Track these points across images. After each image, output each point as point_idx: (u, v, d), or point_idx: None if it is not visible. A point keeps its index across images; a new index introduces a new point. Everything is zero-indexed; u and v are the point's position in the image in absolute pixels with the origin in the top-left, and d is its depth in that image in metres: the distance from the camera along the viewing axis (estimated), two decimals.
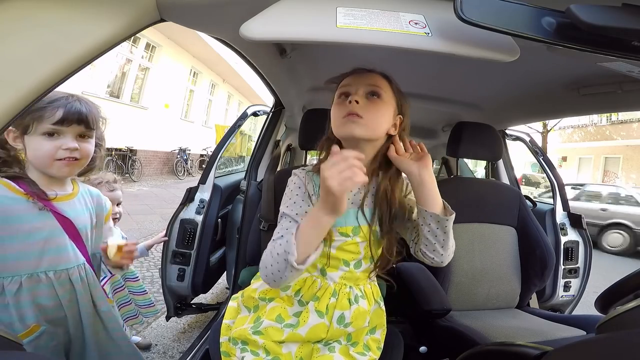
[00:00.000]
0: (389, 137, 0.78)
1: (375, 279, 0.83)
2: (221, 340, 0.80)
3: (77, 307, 0.81)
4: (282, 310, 0.76)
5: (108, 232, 0.97)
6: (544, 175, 1.94)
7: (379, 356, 0.79)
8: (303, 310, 0.75)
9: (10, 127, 0.72)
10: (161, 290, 1.64)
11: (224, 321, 0.83)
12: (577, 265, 1.75)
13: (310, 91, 1.64)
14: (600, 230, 5.85)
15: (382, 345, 0.81)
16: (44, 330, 0.76)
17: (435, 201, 0.71)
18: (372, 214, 0.75)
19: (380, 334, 0.82)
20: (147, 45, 8.06)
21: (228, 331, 0.80)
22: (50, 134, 0.75)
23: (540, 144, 2.77)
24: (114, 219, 1.36)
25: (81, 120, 0.78)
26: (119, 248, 0.86)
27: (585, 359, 0.43)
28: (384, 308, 0.84)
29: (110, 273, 1.41)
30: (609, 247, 5.77)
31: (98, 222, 0.91)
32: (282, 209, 0.74)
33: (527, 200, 1.59)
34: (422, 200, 0.72)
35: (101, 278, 1.41)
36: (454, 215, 0.71)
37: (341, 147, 0.73)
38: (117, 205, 1.42)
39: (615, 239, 5.79)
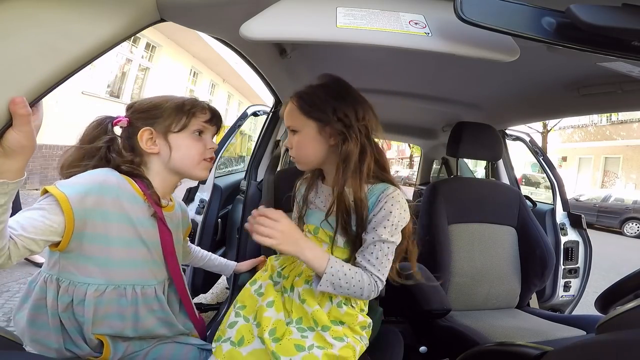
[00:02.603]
0: (343, 143, 0.76)
1: None
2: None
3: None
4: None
5: (186, 243, 0.94)
6: (544, 175, 1.94)
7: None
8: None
9: (146, 128, 0.70)
10: None
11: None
12: (577, 265, 1.75)
13: None
14: None
15: (351, 335, 0.78)
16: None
17: (316, 266, 0.71)
18: (334, 220, 0.78)
19: (348, 328, 0.79)
20: (147, 45, 8.06)
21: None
22: (200, 133, 0.75)
23: (540, 144, 2.77)
24: None
25: (220, 122, 0.80)
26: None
27: (585, 359, 0.43)
28: (355, 313, 0.80)
29: None
30: None
31: (183, 238, 0.87)
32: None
33: (527, 200, 1.59)
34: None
35: None
36: (329, 269, 0.70)
37: None
38: None
39: None
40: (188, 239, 0.95)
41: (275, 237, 0.67)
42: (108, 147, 0.69)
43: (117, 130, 0.73)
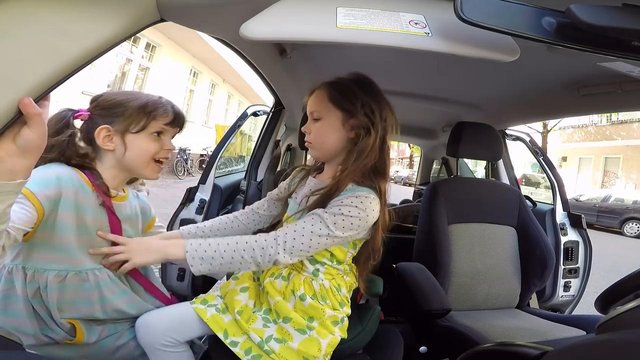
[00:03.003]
0: (357, 141, 0.79)
1: (320, 276, 0.82)
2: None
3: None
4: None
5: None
6: (544, 175, 1.94)
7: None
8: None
9: (104, 126, 0.72)
10: None
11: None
12: (577, 265, 1.75)
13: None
14: None
15: (315, 326, 0.78)
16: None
17: (176, 256, 0.73)
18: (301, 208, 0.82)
19: (319, 324, 0.79)
20: (147, 45, 8.06)
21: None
22: (159, 134, 0.77)
23: (540, 144, 2.77)
24: None
25: (183, 124, 0.82)
26: None
27: (585, 359, 0.43)
28: (322, 307, 0.79)
29: None
30: None
31: (142, 229, 0.90)
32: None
33: (527, 200, 1.59)
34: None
35: None
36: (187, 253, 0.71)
37: None
38: None
39: None
40: (159, 231, 0.98)
41: (132, 256, 0.72)
42: (68, 141, 0.72)
43: (78, 123, 0.76)
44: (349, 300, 0.86)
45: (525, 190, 7.12)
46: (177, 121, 0.80)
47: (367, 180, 0.79)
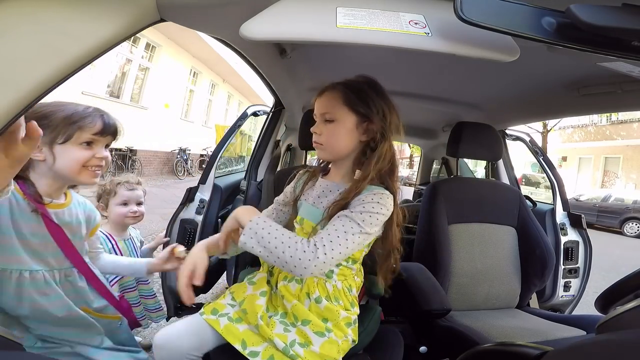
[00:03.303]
0: (367, 142, 0.81)
1: (334, 277, 0.82)
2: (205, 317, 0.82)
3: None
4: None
5: (94, 243, 1.00)
6: (544, 175, 1.94)
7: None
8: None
9: None
10: (161, 291, 1.64)
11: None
12: (577, 265, 1.75)
13: (310, 91, 1.64)
14: None
15: (333, 329, 0.78)
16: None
17: (245, 218, 0.74)
18: (321, 213, 0.80)
19: (333, 325, 0.79)
20: (147, 45, 8.06)
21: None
22: (89, 143, 0.79)
23: (540, 144, 2.77)
24: (134, 217, 1.43)
25: (114, 132, 0.85)
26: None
27: (585, 359, 0.43)
28: (337, 309, 0.80)
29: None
30: None
31: (85, 235, 0.92)
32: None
33: (527, 200, 1.59)
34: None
35: (110, 279, 1.43)
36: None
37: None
38: (138, 204, 1.46)
39: None
40: (96, 240, 1.00)
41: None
42: None
43: None
44: (357, 300, 0.87)
45: (525, 190, 7.12)
46: (107, 130, 0.82)
47: (378, 180, 0.80)
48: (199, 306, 1.83)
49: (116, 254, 1.44)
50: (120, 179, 1.47)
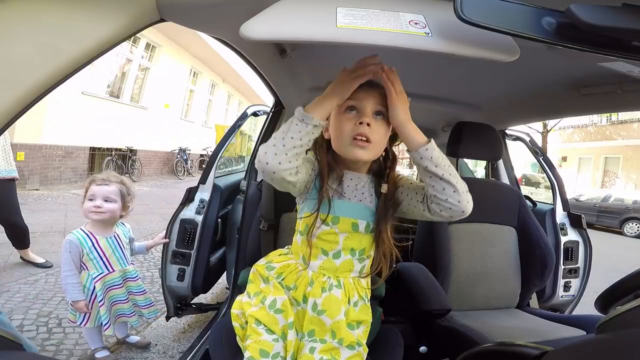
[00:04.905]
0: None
1: (365, 276, 0.83)
2: (234, 324, 0.82)
3: None
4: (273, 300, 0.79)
5: None
6: (544, 175, 1.94)
7: (368, 353, 0.80)
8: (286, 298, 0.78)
9: None
10: (161, 290, 1.64)
11: (232, 310, 0.84)
12: (577, 265, 1.75)
13: (310, 91, 1.64)
14: None
15: (362, 342, 0.78)
16: None
17: (417, 139, 0.71)
18: (365, 207, 0.79)
19: (364, 331, 0.80)
20: (147, 45, 8.05)
21: (238, 319, 0.82)
22: None
23: (540, 144, 2.77)
24: (97, 212, 1.44)
25: None
26: None
27: (585, 359, 0.42)
28: (369, 305, 0.83)
29: (113, 269, 1.50)
30: None
31: None
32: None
33: (527, 200, 1.59)
34: (407, 143, 0.73)
35: (95, 275, 1.44)
36: (432, 142, 0.71)
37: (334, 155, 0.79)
38: (106, 200, 1.46)
39: None
40: None
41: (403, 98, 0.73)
42: None
43: None
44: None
45: (525, 190, 7.11)
46: None
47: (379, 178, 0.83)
48: (198, 306, 1.85)
49: (97, 252, 1.45)
50: (95, 175, 1.50)
